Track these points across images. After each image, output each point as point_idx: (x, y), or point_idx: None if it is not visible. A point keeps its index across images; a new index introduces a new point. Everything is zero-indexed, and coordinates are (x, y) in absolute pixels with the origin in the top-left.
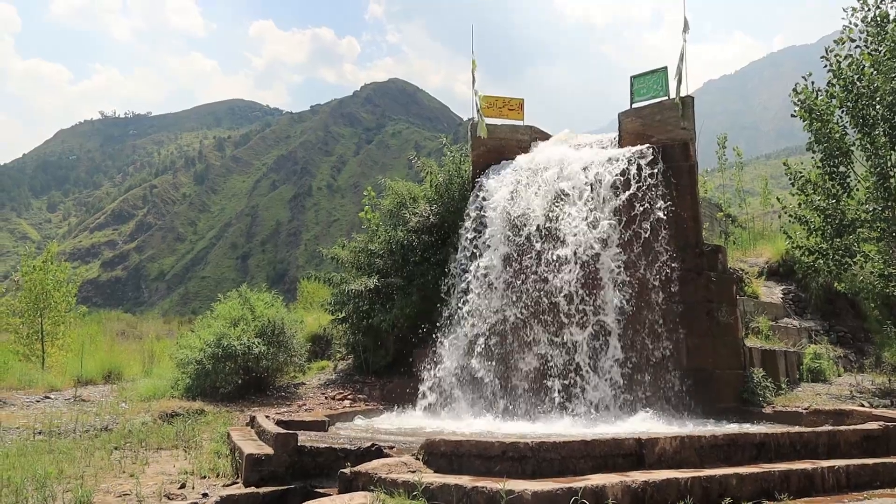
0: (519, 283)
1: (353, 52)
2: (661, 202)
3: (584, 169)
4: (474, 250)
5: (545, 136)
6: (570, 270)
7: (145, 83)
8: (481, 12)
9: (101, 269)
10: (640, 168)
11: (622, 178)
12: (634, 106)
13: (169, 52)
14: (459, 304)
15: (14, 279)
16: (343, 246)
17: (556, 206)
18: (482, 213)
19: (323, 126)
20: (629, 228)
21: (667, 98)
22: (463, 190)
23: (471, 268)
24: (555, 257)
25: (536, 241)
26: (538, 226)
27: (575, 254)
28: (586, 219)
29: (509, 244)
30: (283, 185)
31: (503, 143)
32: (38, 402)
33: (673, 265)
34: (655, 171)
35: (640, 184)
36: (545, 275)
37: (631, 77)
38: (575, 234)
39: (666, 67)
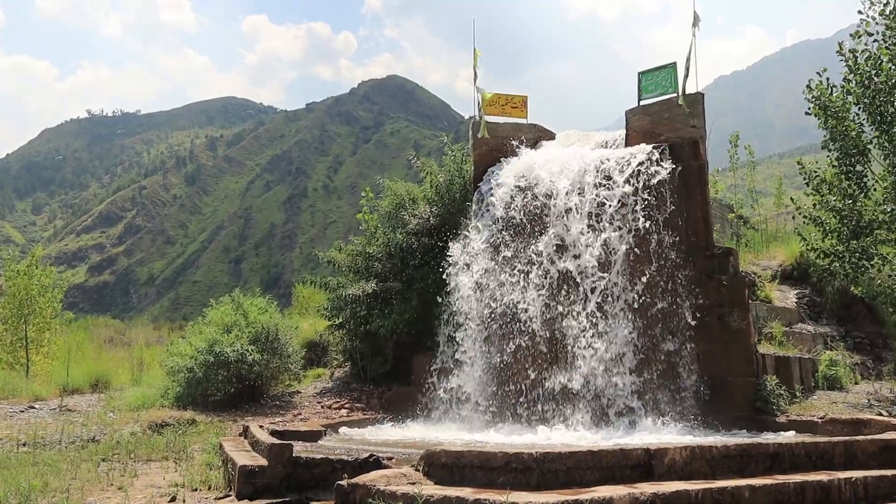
0: (519, 287)
1: (350, 47)
2: (670, 203)
3: (588, 170)
4: (469, 259)
5: (550, 135)
6: (574, 276)
7: (135, 80)
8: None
9: (89, 274)
10: (647, 168)
11: (629, 179)
12: (642, 103)
13: (159, 48)
14: (459, 311)
15: None
16: (340, 249)
17: (559, 209)
18: (480, 217)
19: (319, 125)
20: (636, 231)
21: (676, 95)
22: (464, 191)
23: (467, 274)
24: (557, 261)
25: (538, 246)
26: (540, 230)
27: (579, 258)
28: (591, 222)
29: (508, 249)
30: (278, 186)
31: (506, 141)
32: (22, 412)
33: (682, 269)
34: (664, 170)
35: (648, 184)
36: (547, 280)
37: (639, 73)
38: (579, 238)
39: (675, 63)
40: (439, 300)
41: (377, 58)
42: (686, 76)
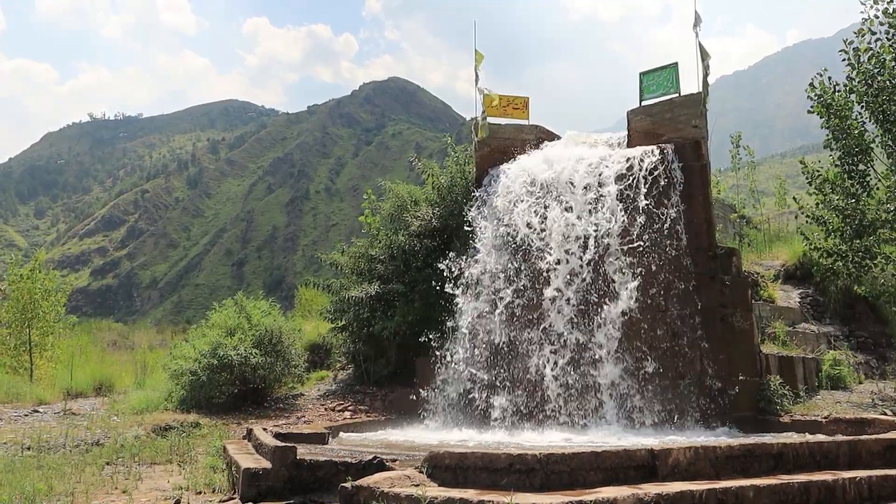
0: (519, 290)
1: (351, 49)
2: (672, 204)
3: (590, 171)
4: (470, 260)
5: (551, 136)
6: (574, 277)
7: (136, 83)
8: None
9: (91, 278)
10: (649, 169)
11: (630, 180)
12: (644, 103)
13: (160, 50)
14: (460, 312)
15: (1, 288)
16: (342, 251)
17: (559, 209)
18: (478, 220)
19: (320, 127)
20: (638, 232)
21: (677, 95)
22: (467, 192)
23: (466, 275)
24: (556, 263)
25: (536, 246)
26: (539, 229)
27: (580, 259)
28: (592, 223)
29: (506, 251)
30: (280, 189)
31: (508, 143)
32: (26, 415)
33: (685, 269)
34: (666, 171)
35: (650, 185)
36: (547, 282)
37: (640, 73)
38: (580, 239)
39: (676, 63)
40: (442, 302)
41: (378, 59)
42: (706, 75)
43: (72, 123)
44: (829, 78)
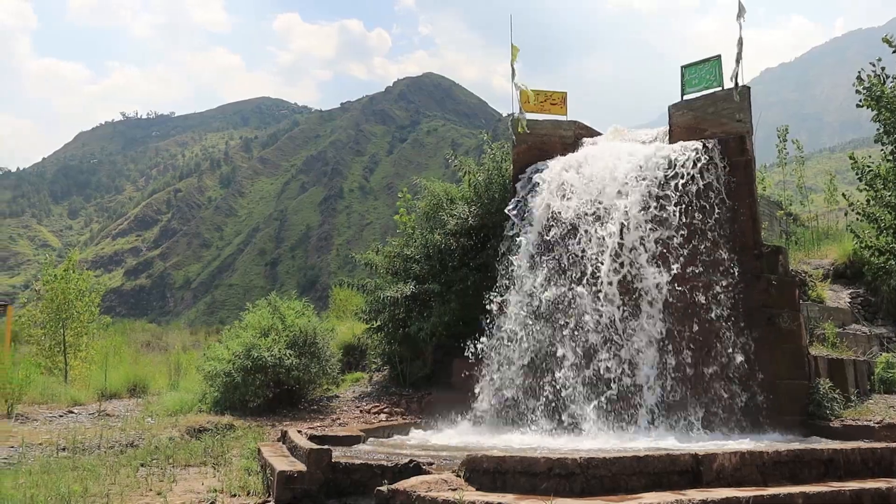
0: (563, 290)
1: (384, 45)
2: (716, 201)
3: (632, 167)
4: (514, 258)
5: (590, 132)
6: (617, 276)
7: (167, 81)
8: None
9: (125, 278)
10: (692, 165)
11: (673, 177)
12: (686, 98)
13: (191, 48)
14: (500, 313)
15: (35, 289)
16: (377, 251)
17: (603, 208)
18: (522, 218)
19: (354, 124)
20: (681, 230)
21: (720, 89)
22: (504, 190)
23: (511, 273)
24: (598, 263)
25: (580, 245)
26: (584, 230)
27: (620, 258)
28: (634, 221)
29: (551, 250)
30: (313, 188)
31: (545, 139)
32: (61, 416)
33: (729, 268)
34: (709, 167)
35: (693, 182)
36: (590, 284)
37: (681, 67)
38: (621, 238)
39: (719, 56)
40: (483, 304)
41: (412, 55)
42: (737, 69)
43: (104, 123)
44: (883, 69)
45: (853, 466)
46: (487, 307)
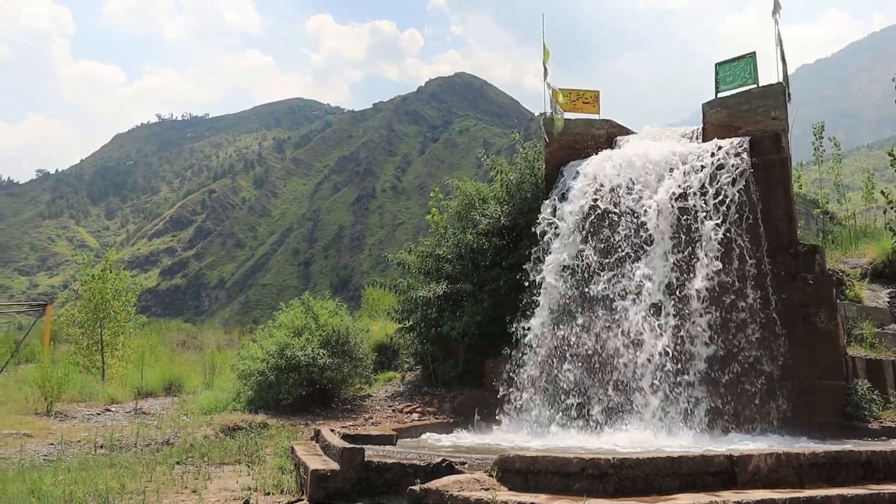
0: (597, 289)
1: (416, 45)
2: (751, 199)
3: (665, 167)
4: (546, 255)
5: (623, 130)
6: (651, 278)
7: (201, 83)
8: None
9: (160, 278)
10: (726, 163)
11: (707, 175)
12: (720, 96)
13: (224, 50)
14: (533, 312)
15: (73, 289)
16: (409, 250)
17: (635, 207)
18: (556, 216)
19: (386, 124)
20: (716, 228)
21: (755, 86)
22: (536, 190)
23: (544, 270)
24: (633, 264)
25: (619, 241)
26: (615, 228)
27: (655, 260)
28: (668, 219)
29: (584, 250)
30: (346, 188)
31: (578, 138)
32: (98, 414)
33: (765, 267)
34: (744, 165)
35: (727, 180)
36: (625, 281)
37: (715, 64)
38: (661, 238)
39: (754, 53)
40: (515, 304)
41: (443, 55)
42: (785, 65)
43: (140, 124)
44: None
45: (893, 469)
46: (520, 305)
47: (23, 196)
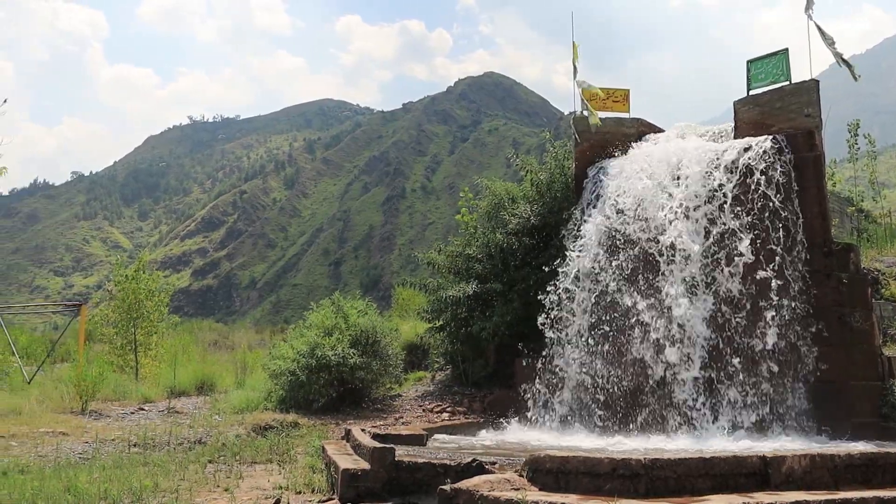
0: (625, 290)
1: (445, 45)
2: (783, 197)
3: (694, 165)
4: (578, 253)
5: (653, 129)
6: (683, 275)
7: (232, 85)
8: None
9: (192, 278)
10: (759, 161)
11: (740, 173)
12: (751, 93)
13: (254, 51)
14: (562, 313)
15: (107, 289)
16: (439, 250)
17: (668, 205)
18: (585, 216)
19: (415, 124)
20: (746, 228)
21: (788, 83)
22: (566, 189)
23: (573, 272)
24: (668, 263)
25: (646, 244)
26: (648, 225)
27: (687, 257)
28: (704, 219)
29: (618, 248)
30: (376, 188)
31: (608, 137)
32: (132, 413)
33: (798, 266)
34: (776, 163)
35: (759, 178)
36: (653, 280)
37: (747, 62)
38: (692, 236)
39: (786, 49)
40: (542, 303)
41: (472, 54)
42: (848, 63)
43: (172, 126)
44: None
45: None
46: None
47: (58, 198)
